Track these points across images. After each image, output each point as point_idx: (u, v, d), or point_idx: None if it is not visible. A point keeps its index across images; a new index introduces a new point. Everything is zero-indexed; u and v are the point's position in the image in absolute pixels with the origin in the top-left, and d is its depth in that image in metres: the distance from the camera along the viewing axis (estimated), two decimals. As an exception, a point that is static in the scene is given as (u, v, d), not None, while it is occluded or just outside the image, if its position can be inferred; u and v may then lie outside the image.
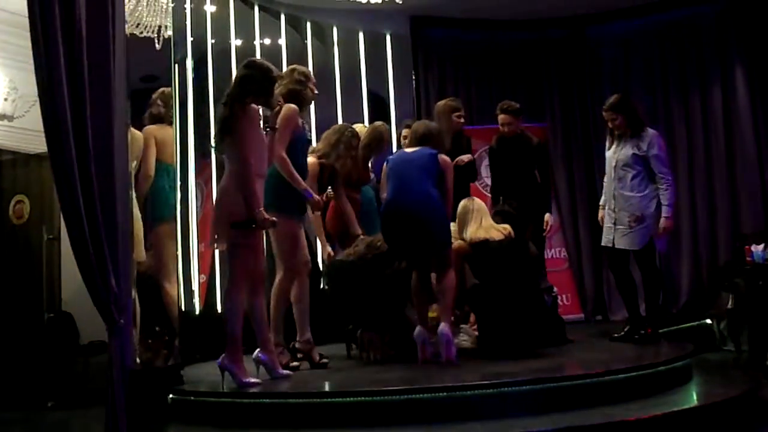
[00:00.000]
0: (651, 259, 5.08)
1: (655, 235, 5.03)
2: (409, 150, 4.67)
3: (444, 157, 4.58)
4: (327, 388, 3.85)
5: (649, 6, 7.74)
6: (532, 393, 3.50)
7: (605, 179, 5.31)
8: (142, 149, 4.97)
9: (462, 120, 5.47)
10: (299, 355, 4.57)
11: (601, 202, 5.35)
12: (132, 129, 4.72)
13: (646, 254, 5.01)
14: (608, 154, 5.21)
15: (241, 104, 3.96)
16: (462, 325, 5.05)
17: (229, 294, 3.98)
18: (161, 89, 5.27)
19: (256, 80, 4.02)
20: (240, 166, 3.91)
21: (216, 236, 4.04)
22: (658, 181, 4.96)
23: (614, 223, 5.03)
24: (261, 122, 4.26)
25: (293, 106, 4.48)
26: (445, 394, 3.48)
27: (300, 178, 4.43)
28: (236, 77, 4.11)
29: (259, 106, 4.17)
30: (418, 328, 4.43)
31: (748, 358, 5.68)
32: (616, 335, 5.12)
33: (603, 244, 5.17)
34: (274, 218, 4.00)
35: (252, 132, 3.97)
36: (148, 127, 5.10)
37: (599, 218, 5.32)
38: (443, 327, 4.27)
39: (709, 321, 6.89)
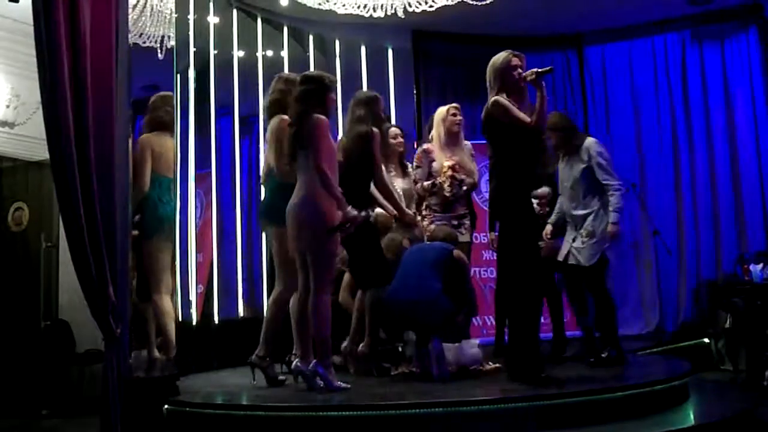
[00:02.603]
0: (601, 279, 4.90)
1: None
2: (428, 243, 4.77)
3: (459, 254, 4.59)
4: (323, 401, 3.83)
5: (648, 25, 7.78)
6: (529, 410, 3.49)
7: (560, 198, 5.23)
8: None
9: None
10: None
11: (550, 219, 5.24)
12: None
13: (596, 273, 4.84)
14: (562, 172, 5.15)
15: (308, 118, 4.08)
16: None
17: (318, 300, 4.03)
18: (162, 93, 5.21)
19: (315, 93, 4.17)
20: (319, 176, 4.02)
21: (294, 245, 4.10)
22: (605, 189, 4.85)
23: (573, 240, 4.93)
24: None
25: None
26: (441, 409, 3.47)
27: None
28: (297, 95, 4.21)
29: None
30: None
31: (746, 377, 5.66)
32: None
33: (559, 258, 5.03)
34: (363, 213, 4.22)
35: (323, 142, 4.07)
36: (146, 135, 4.96)
37: (544, 234, 5.20)
38: (436, 344, 4.26)
39: (707, 340, 6.88)
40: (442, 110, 5.37)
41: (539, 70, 4.17)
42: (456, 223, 5.16)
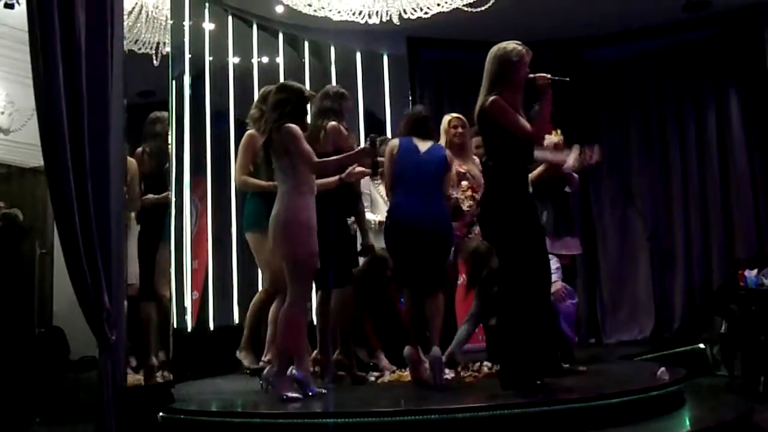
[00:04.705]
0: None
1: None
2: (420, 145, 4.51)
3: (450, 154, 4.59)
4: (318, 408, 3.83)
5: (644, 31, 7.82)
6: (524, 416, 3.49)
7: None
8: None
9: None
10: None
11: None
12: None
13: None
14: None
15: (278, 128, 4.05)
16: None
17: (292, 309, 4.00)
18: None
19: (291, 102, 4.12)
20: (314, 171, 4.07)
21: (280, 254, 4.06)
22: None
23: None
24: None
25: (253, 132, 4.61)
26: (436, 416, 3.46)
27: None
28: (271, 103, 4.18)
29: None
30: (408, 348, 4.36)
31: (741, 383, 5.67)
32: None
33: None
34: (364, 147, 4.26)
35: (302, 146, 4.04)
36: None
37: None
38: (435, 350, 4.22)
39: (702, 345, 6.89)
40: (444, 120, 5.30)
41: (554, 77, 4.03)
42: (466, 231, 5.13)
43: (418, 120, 4.67)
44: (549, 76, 4.02)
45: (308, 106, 4.31)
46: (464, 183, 5.07)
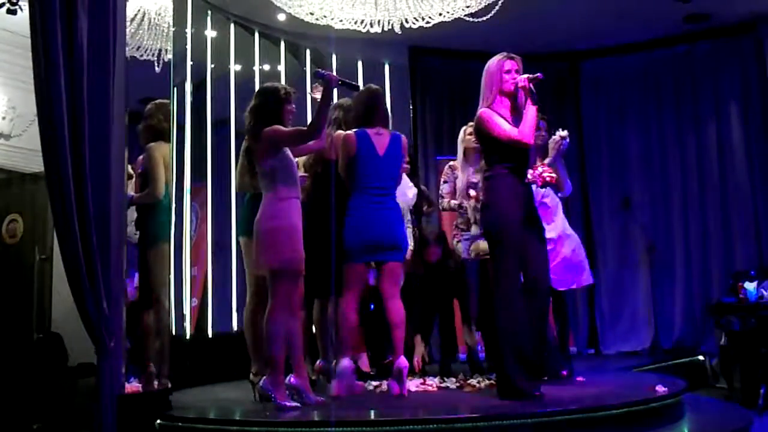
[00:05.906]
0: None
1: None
2: (376, 141, 4.38)
3: (405, 138, 4.58)
4: (316, 416, 3.81)
5: (644, 42, 7.84)
6: (523, 427, 3.48)
7: None
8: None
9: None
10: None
11: None
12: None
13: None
14: None
15: (255, 135, 4.02)
16: None
17: (270, 317, 3.96)
18: (157, 101, 5.19)
19: (268, 106, 4.07)
20: (287, 176, 3.99)
21: (259, 261, 4.02)
22: None
23: None
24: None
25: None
26: (435, 426, 3.45)
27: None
28: (250, 109, 4.13)
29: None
30: (346, 360, 4.31)
31: (741, 395, 5.65)
32: None
33: None
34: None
35: (282, 139, 4.01)
36: (158, 144, 4.96)
37: None
38: (401, 360, 4.19)
39: (701, 357, 6.88)
40: (461, 131, 5.41)
41: (530, 75, 4.10)
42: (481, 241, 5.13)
43: (369, 103, 4.54)
44: (527, 75, 4.10)
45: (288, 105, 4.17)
46: (472, 192, 5.05)
